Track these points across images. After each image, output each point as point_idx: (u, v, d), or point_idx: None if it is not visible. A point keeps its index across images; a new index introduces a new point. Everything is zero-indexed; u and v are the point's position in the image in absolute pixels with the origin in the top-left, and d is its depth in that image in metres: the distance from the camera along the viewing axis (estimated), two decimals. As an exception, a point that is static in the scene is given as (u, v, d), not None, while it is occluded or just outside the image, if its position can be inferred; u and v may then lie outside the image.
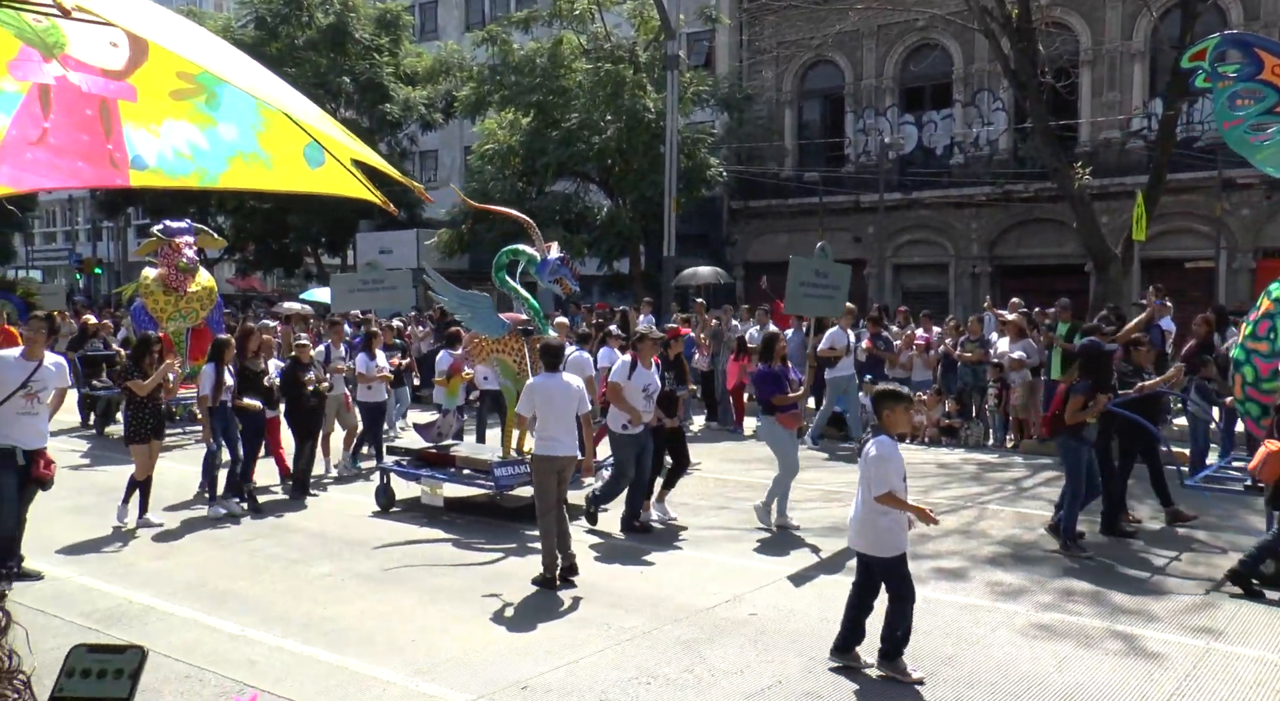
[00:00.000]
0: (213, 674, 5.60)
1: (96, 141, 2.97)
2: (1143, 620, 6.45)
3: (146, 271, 13.73)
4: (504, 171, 25.17)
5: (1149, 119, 22.90)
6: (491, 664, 5.73)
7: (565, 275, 9.28)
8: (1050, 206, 22.95)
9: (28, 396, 7.19)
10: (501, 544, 8.53)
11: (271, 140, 2.99)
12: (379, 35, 30.51)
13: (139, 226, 46.68)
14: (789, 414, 8.97)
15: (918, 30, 25.72)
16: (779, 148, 28.26)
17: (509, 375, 9.42)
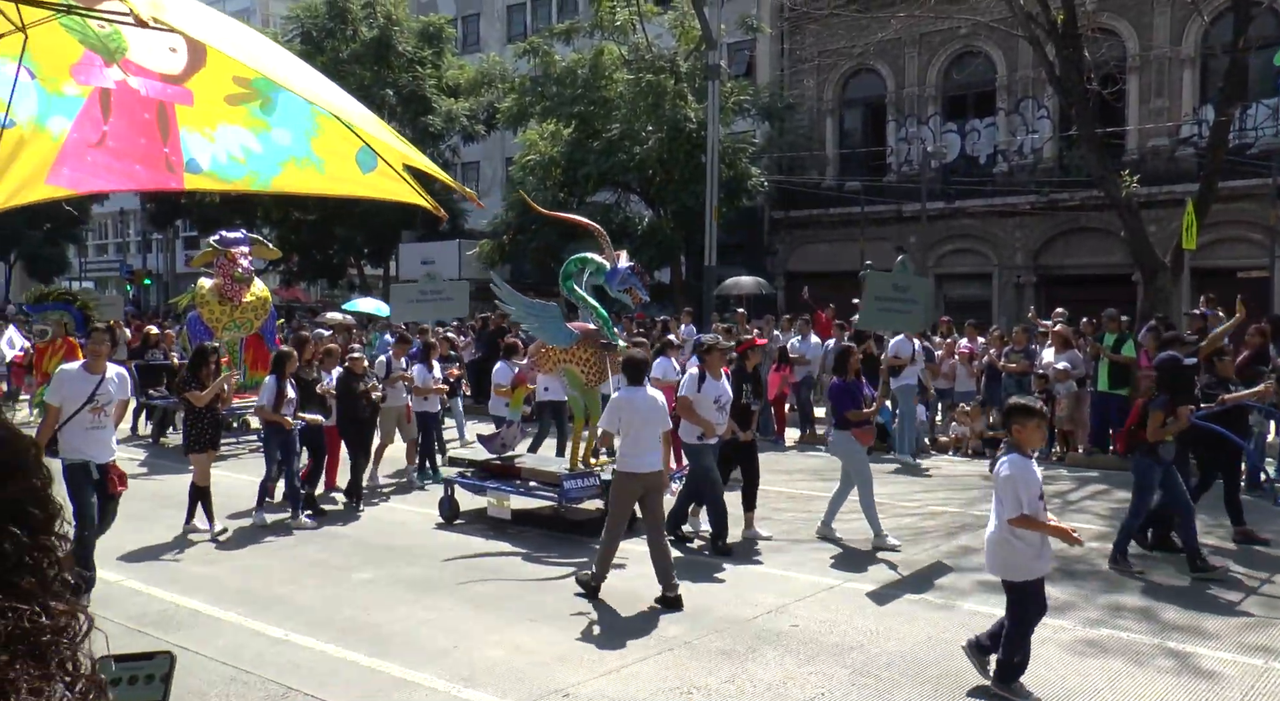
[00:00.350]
0: (257, 677, 5.65)
1: (153, 145, 3.01)
2: (1197, 637, 6.31)
3: (202, 281, 13.80)
4: (545, 182, 25.30)
5: (1199, 125, 22.50)
6: (533, 671, 5.73)
7: (635, 284, 9.03)
8: (1096, 215, 22.62)
9: (94, 410, 7.10)
10: (573, 558, 8.30)
11: (324, 145, 3.01)
12: (422, 48, 30.86)
13: (187, 238, 47.57)
14: (864, 429, 8.77)
15: (960, 38, 25.51)
16: (820, 157, 28.13)
17: (577, 386, 9.26)
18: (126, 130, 2.98)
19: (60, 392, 7.14)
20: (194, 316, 14.24)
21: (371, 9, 30.03)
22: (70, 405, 7.05)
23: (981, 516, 9.25)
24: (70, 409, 7.04)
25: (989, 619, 6.60)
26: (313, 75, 2.49)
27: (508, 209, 26.48)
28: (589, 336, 9.12)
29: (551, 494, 9.04)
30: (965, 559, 8.23)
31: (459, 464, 10.37)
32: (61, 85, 2.85)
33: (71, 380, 7.19)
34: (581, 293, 9.29)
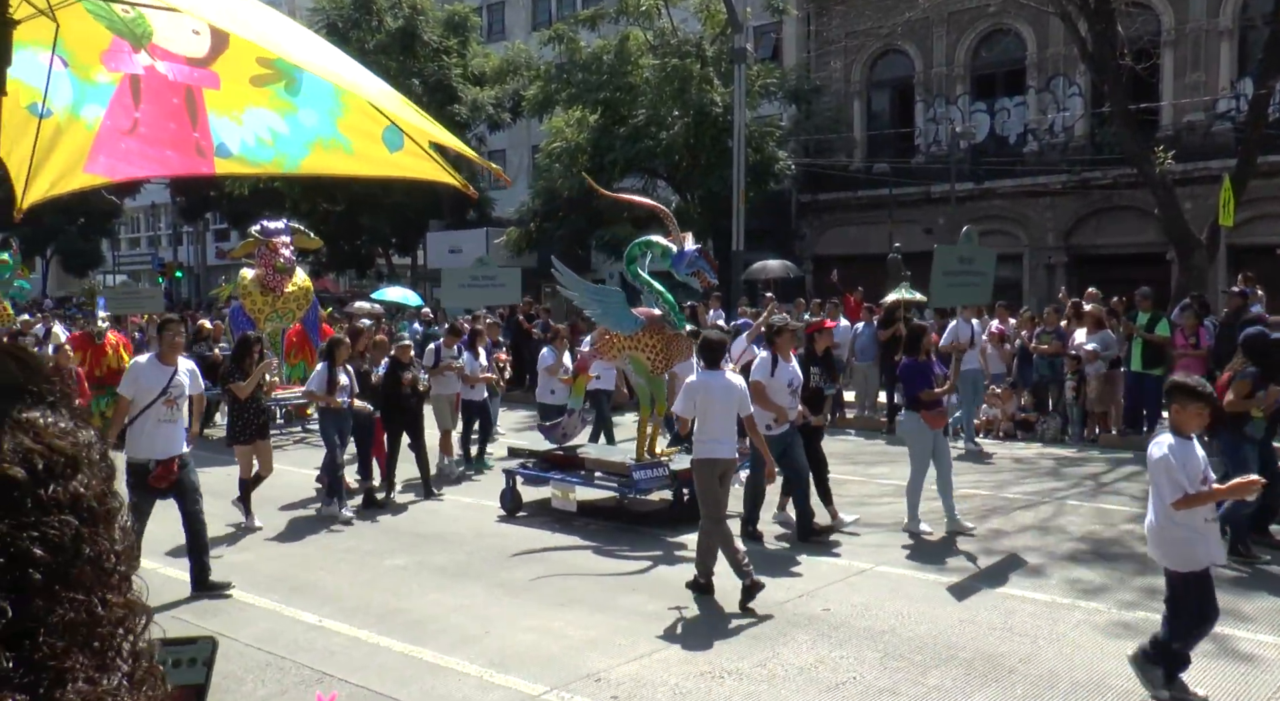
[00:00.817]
0: (292, 662, 5.72)
1: (183, 130, 3.03)
2: (1234, 620, 6.22)
3: (244, 272, 13.82)
4: (572, 169, 25.29)
5: (1237, 99, 22.09)
6: (565, 656, 5.76)
7: (703, 267, 8.72)
8: (1130, 193, 22.29)
9: (168, 403, 6.90)
10: (645, 550, 8.13)
11: (350, 125, 3.00)
12: (447, 37, 30.87)
13: (218, 231, 48.02)
14: (935, 412, 8.45)
15: (989, 16, 25.18)
16: (848, 139, 27.89)
17: (642, 373, 9.02)
18: (157, 116, 3.00)
19: (134, 384, 6.94)
20: (237, 307, 14.26)
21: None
22: (143, 397, 6.86)
23: (1013, 499, 9.19)
24: (143, 401, 6.85)
25: (1020, 602, 6.57)
26: (332, 53, 2.49)
27: (534, 196, 26.50)
28: (655, 322, 8.86)
29: (622, 485, 8.79)
30: (996, 542, 8.17)
31: (519, 454, 10.06)
32: (94, 73, 2.87)
33: (145, 372, 6.98)
34: (646, 277, 9.01)
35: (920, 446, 8.46)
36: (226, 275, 51.54)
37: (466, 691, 5.30)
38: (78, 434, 0.91)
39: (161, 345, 7.17)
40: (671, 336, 8.85)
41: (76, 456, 0.89)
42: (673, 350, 8.90)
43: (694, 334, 8.96)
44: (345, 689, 5.31)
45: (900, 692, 5.19)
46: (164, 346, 7.13)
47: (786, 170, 25.04)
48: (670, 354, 8.91)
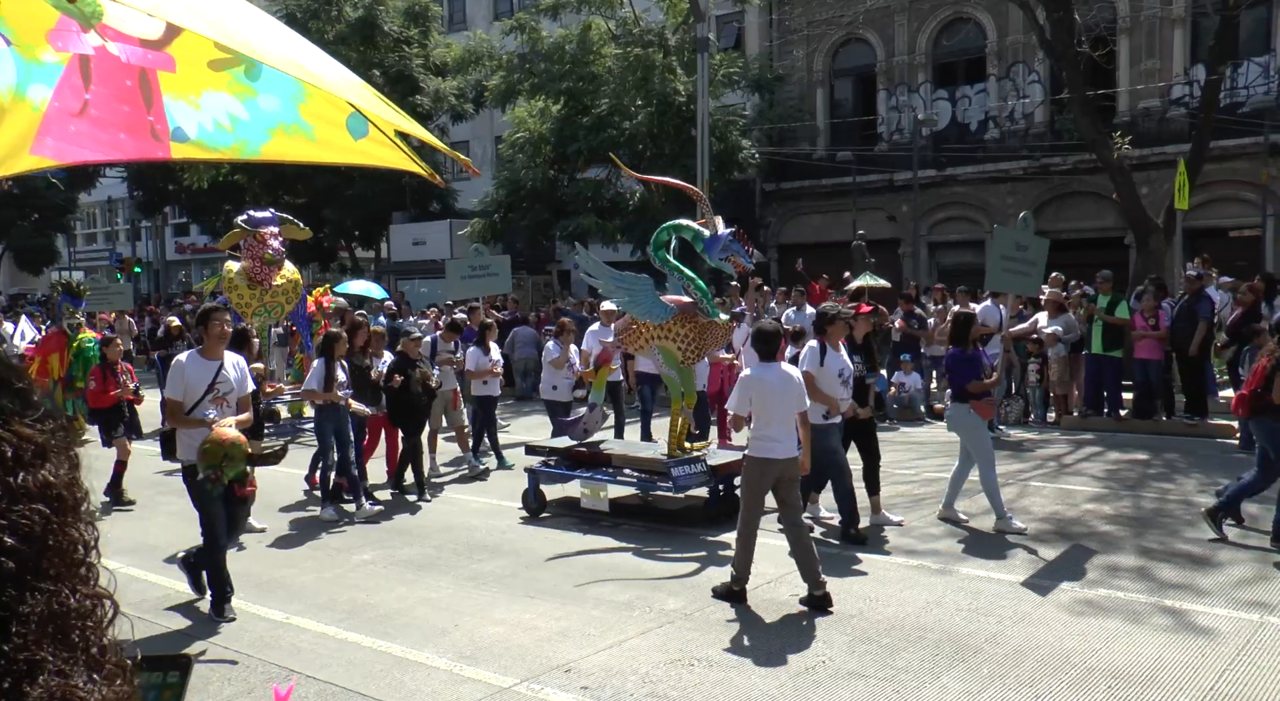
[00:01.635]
0: (258, 660, 5.67)
1: (137, 113, 2.94)
2: (1192, 595, 6.35)
3: (229, 264, 13.32)
4: (535, 160, 25.19)
5: (1190, 86, 22.43)
6: (535, 648, 5.76)
7: (738, 252, 8.20)
8: (1089, 179, 22.56)
9: (216, 401, 6.30)
10: (685, 551, 7.75)
11: (314, 111, 2.94)
12: (408, 27, 30.61)
13: (177, 225, 47.37)
14: (984, 401, 8.19)
15: (950, 4, 25.35)
16: (811, 128, 28.00)
17: (672, 364, 8.60)
18: (109, 98, 2.91)
19: (180, 383, 6.26)
20: (222, 301, 13.92)
21: (352, -13, 29.78)
22: (190, 396, 6.24)
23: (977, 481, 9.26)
24: (190, 400, 6.24)
25: (986, 582, 6.65)
26: (294, 40, 2.44)
27: (498, 187, 26.38)
28: (686, 311, 8.43)
29: (657, 483, 8.44)
30: (961, 524, 8.25)
31: (539, 452, 9.54)
32: (39, 52, 2.78)
33: (189, 368, 6.30)
34: (676, 263, 8.54)
35: (979, 436, 8.19)
36: (186, 271, 50.99)
37: (436, 685, 5.28)
38: (46, 422, 0.89)
39: (206, 338, 6.44)
40: (705, 325, 8.44)
41: (45, 444, 0.87)
42: (706, 339, 8.55)
43: (735, 317, 8.72)
44: (313, 685, 5.27)
45: (869, 675, 5.24)
46: (209, 339, 6.42)
47: (750, 159, 25.08)
48: (703, 343, 8.56)
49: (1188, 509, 8.58)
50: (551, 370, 11.46)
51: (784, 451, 6.43)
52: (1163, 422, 12.58)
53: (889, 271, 22.35)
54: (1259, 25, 22.24)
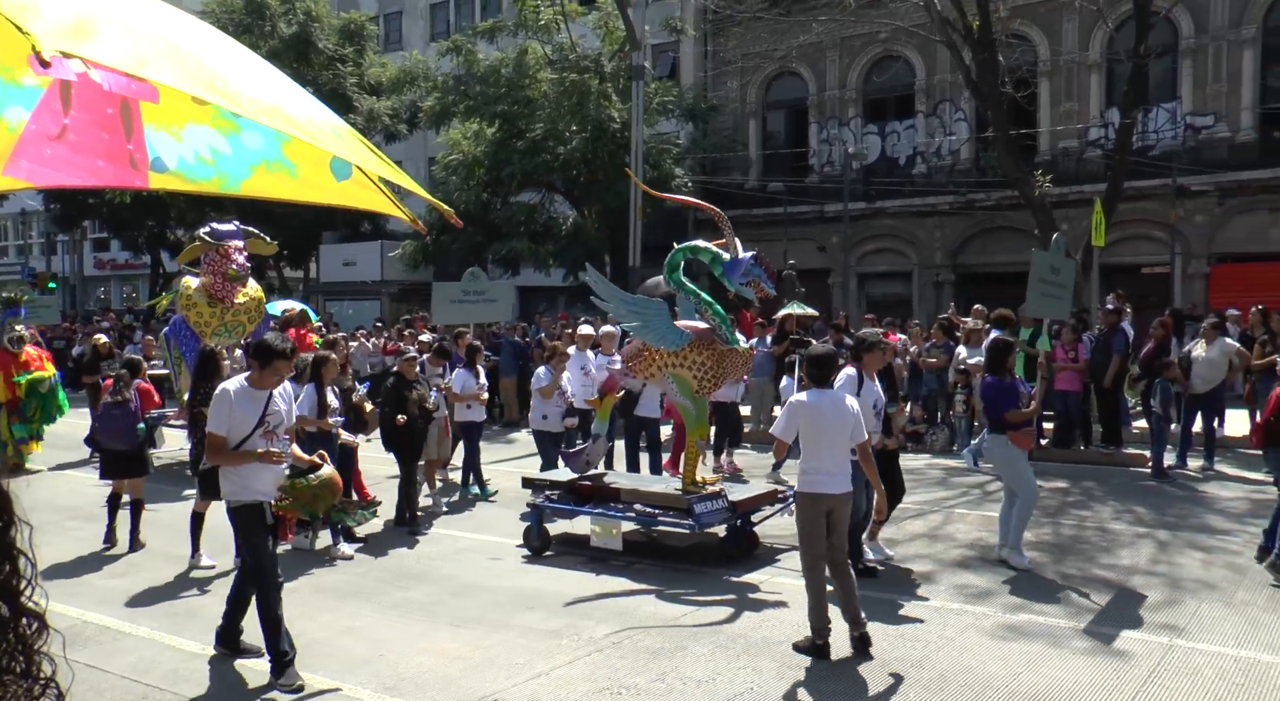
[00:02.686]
0: (170, 694, 5.49)
1: (117, 141, 2.91)
2: (1108, 619, 6.51)
3: (187, 280, 12.51)
4: (469, 182, 25.12)
5: (1106, 128, 23.29)
6: (461, 677, 5.67)
7: (759, 276, 7.79)
8: (1012, 214, 23.23)
9: (265, 434, 5.66)
10: (709, 594, 7.20)
11: (297, 150, 2.93)
12: (343, 45, 30.37)
13: (96, 240, 46.06)
14: (1024, 432, 7.80)
15: (880, 42, 25.99)
16: (743, 158, 28.41)
17: (687, 393, 8.08)
18: (88, 124, 2.88)
19: (222, 417, 5.58)
20: (178, 320, 12.71)
21: (290, 5, 29.45)
22: (238, 431, 5.58)
23: (904, 508, 9.37)
24: (238, 435, 5.58)
25: (912, 607, 6.74)
26: (281, 86, 2.42)
27: (430, 209, 26.22)
28: (703, 337, 7.96)
29: (675, 520, 7.93)
30: (893, 549, 8.36)
31: (539, 486, 8.91)
32: (18, 75, 2.73)
33: (237, 400, 5.61)
34: (693, 287, 8.17)
35: (1019, 468, 7.81)
36: (105, 287, 49.48)
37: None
38: None
39: (265, 370, 5.73)
40: (724, 352, 7.94)
41: None
42: (725, 367, 8.04)
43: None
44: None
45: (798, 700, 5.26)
46: (268, 371, 5.72)
47: (684, 187, 25.34)
48: (722, 371, 8.05)
49: (1104, 535, 8.82)
50: (540, 399, 10.74)
51: (836, 486, 6.00)
52: (1081, 452, 12.95)
53: (818, 301, 22.70)
54: (1167, 74, 23.25)
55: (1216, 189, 22.29)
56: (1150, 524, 9.24)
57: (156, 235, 36.16)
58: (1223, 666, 5.67)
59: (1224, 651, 5.91)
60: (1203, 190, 22.26)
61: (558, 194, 26.65)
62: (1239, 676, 5.52)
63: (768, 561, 8.11)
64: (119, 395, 8.62)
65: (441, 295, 14.84)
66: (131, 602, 7.19)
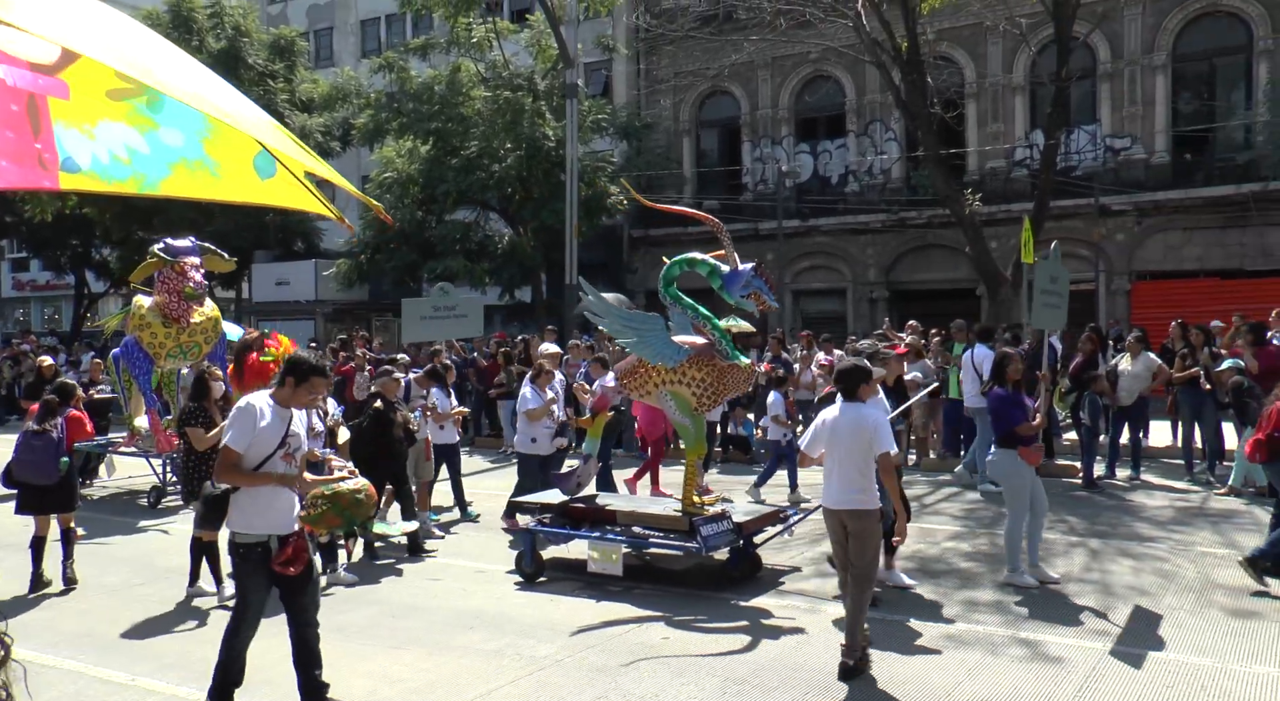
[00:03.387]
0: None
1: (23, 140, 2.75)
2: (1044, 626, 6.62)
3: (139, 300, 11.92)
4: (403, 200, 24.91)
5: (1031, 149, 23.94)
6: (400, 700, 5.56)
7: (761, 289, 7.63)
8: (942, 232, 23.72)
9: (286, 457, 5.09)
10: (726, 620, 6.92)
11: (219, 147, 2.82)
12: (273, 61, 29.92)
13: (14, 260, 44.59)
14: (1033, 448, 7.59)
15: (811, 62, 26.41)
16: (678, 176, 28.61)
17: (685, 411, 7.79)
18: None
19: (246, 432, 4.96)
20: (131, 342, 11.97)
21: (219, 20, 28.96)
22: (259, 450, 5.01)
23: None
24: (257, 456, 5.00)
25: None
26: (202, 74, 2.34)
27: (364, 228, 25.95)
28: (702, 352, 7.72)
29: (677, 542, 7.69)
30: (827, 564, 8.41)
31: (529, 510, 8.67)
32: None
33: (267, 417, 5.05)
34: (690, 301, 7.97)
35: (1018, 486, 7.63)
36: (25, 309, 47.84)
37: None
38: None
39: (302, 389, 5.19)
40: (725, 368, 7.69)
41: None
42: (726, 383, 7.76)
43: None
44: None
45: (742, 715, 5.24)
46: (304, 391, 5.20)
47: (619, 205, 25.42)
48: (722, 388, 7.77)
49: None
50: (527, 421, 10.25)
51: (847, 501, 5.87)
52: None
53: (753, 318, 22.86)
54: (1087, 97, 24.03)
55: (1135, 208, 23.05)
56: (1082, 533, 9.46)
57: (80, 254, 35.11)
58: (1152, 669, 5.80)
59: (1157, 655, 6.05)
60: (1123, 210, 23.01)
61: (493, 212, 26.55)
62: (1167, 678, 5.66)
63: (772, 585, 7.86)
64: (41, 423, 8.05)
65: (411, 312, 14.40)
66: (59, 636, 6.92)
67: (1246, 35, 22.55)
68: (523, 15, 27.40)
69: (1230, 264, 22.46)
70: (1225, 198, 22.09)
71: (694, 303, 7.98)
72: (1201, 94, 23.24)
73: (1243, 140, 22.78)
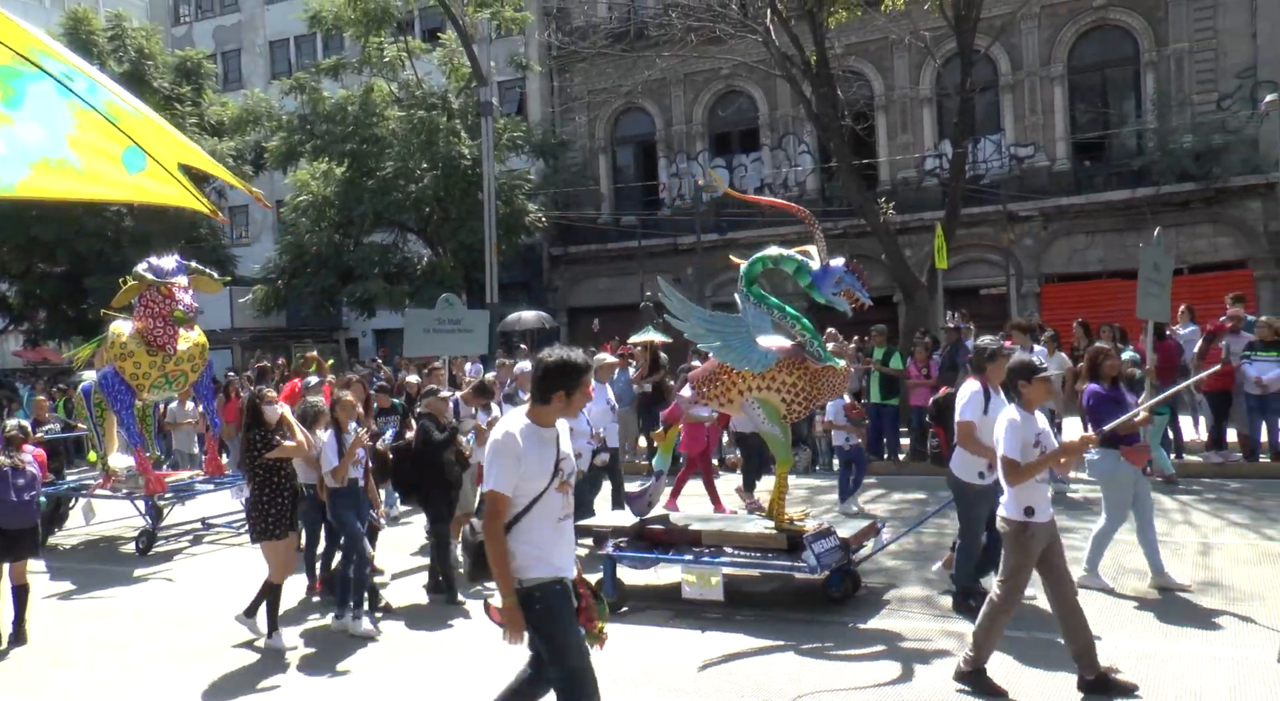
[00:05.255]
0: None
1: None
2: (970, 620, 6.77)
3: (117, 326, 11.03)
4: (319, 224, 24.54)
5: (940, 159, 24.63)
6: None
7: (854, 286, 7.10)
8: (858, 242, 24.14)
9: (562, 487, 4.15)
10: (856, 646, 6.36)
11: (84, 143, 2.67)
12: (179, 84, 29.26)
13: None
14: (1136, 447, 7.15)
15: (723, 78, 26.80)
16: (595, 193, 28.75)
17: (774, 419, 7.22)
18: None
19: (513, 468, 4.04)
20: (109, 373, 11.01)
21: (121, 42, 28.21)
22: (532, 480, 4.07)
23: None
24: (531, 492, 4.07)
25: (786, 623, 6.86)
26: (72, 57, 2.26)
27: (280, 252, 25.49)
28: (792, 356, 7.17)
29: (782, 563, 7.12)
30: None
31: (600, 534, 7.86)
32: None
33: (531, 442, 4.09)
34: (776, 300, 7.40)
35: (1121, 488, 7.25)
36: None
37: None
38: None
39: (569, 401, 4.20)
40: (819, 371, 7.13)
41: None
42: (820, 388, 7.20)
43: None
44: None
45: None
46: (574, 401, 4.22)
47: (537, 223, 25.40)
48: (816, 393, 7.22)
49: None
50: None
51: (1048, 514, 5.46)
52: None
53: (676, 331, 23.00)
54: (991, 107, 24.85)
55: (1040, 214, 23.86)
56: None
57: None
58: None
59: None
60: (1029, 215, 23.80)
61: (411, 233, 26.31)
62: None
63: (877, 604, 7.30)
64: (10, 457, 7.36)
65: (415, 324, 13.48)
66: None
67: (1134, 48, 23.62)
68: (435, 34, 27.26)
69: (1130, 265, 23.20)
70: (1123, 202, 23.02)
71: (780, 302, 7.39)
72: (1096, 103, 24.22)
73: (1136, 147, 23.77)
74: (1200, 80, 22.86)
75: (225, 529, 11.74)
